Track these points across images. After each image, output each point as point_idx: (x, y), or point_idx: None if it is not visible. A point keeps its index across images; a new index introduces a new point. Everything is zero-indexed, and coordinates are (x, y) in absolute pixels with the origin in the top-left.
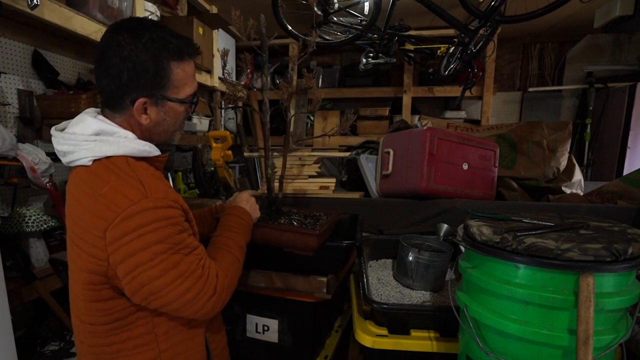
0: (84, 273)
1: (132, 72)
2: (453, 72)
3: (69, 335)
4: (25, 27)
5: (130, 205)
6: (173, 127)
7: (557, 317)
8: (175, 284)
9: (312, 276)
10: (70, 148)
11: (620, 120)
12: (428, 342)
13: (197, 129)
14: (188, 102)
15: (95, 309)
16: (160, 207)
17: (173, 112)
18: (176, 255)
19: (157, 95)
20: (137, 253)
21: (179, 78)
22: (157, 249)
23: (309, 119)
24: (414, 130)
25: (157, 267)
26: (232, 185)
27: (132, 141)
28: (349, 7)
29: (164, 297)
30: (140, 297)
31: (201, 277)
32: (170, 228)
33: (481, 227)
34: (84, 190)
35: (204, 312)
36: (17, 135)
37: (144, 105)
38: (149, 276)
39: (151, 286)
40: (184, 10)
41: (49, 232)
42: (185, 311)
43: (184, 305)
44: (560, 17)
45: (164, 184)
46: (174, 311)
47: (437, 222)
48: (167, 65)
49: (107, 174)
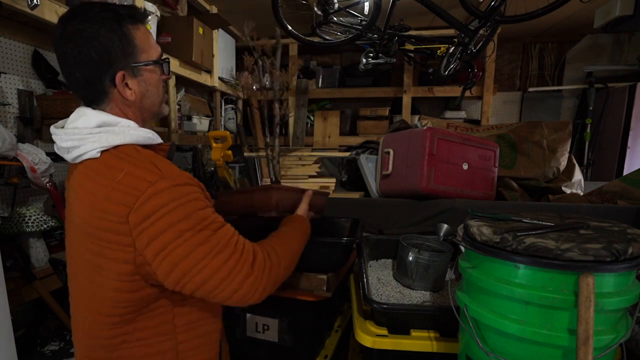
0: (114, 263)
1: (99, 48)
2: (453, 72)
3: (69, 335)
4: (25, 27)
5: (148, 186)
6: (158, 96)
7: (557, 317)
8: (206, 261)
9: (312, 274)
10: (75, 143)
11: (620, 120)
12: (428, 342)
13: (197, 129)
14: (160, 62)
15: (124, 299)
16: (178, 184)
17: (152, 79)
18: (204, 231)
19: (131, 65)
20: (162, 233)
21: (142, 41)
22: (182, 227)
23: (309, 119)
24: (414, 130)
25: (185, 244)
26: (232, 185)
27: (136, 129)
28: (349, 7)
29: (195, 276)
30: (174, 280)
31: (234, 254)
32: (193, 203)
33: (481, 227)
34: (98, 181)
35: (241, 293)
36: (17, 135)
37: (124, 80)
38: (178, 254)
39: (182, 265)
40: (184, 10)
41: (49, 232)
42: (221, 292)
43: (219, 285)
44: (560, 17)
45: (174, 166)
46: (209, 295)
47: (437, 222)
48: (127, 32)
49: (119, 162)
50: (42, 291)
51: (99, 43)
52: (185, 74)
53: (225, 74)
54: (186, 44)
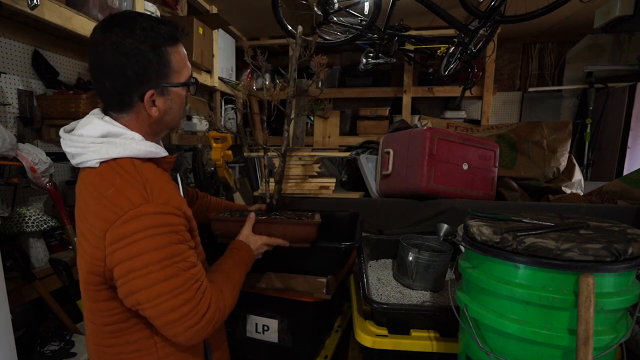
0: (84, 273)
1: (136, 66)
2: (453, 72)
3: (69, 335)
4: (25, 27)
5: (131, 208)
6: (179, 113)
7: (557, 317)
8: (162, 299)
9: (312, 277)
10: (79, 150)
11: (620, 120)
12: (428, 342)
13: (197, 129)
14: (191, 83)
15: (96, 308)
16: (161, 212)
17: (178, 98)
18: (171, 267)
19: (162, 85)
20: (131, 258)
21: (177, 62)
22: (151, 257)
23: (309, 119)
24: (414, 130)
25: (147, 276)
26: (232, 185)
27: (139, 142)
28: (349, 7)
29: (147, 309)
30: (130, 303)
31: (191, 301)
32: (169, 236)
33: (481, 227)
34: (91, 191)
35: (182, 338)
36: (17, 135)
37: (152, 98)
38: (139, 284)
39: (139, 296)
40: (184, 10)
41: (49, 232)
42: (166, 330)
43: (166, 324)
44: (560, 17)
45: (169, 188)
46: (157, 326)
47: (437, 222)
48: (165, 52)
49: (112, 175)
50: (42, 291)
51: (137, 61)
52: None
53: (225, 74)
54: (186, 44)
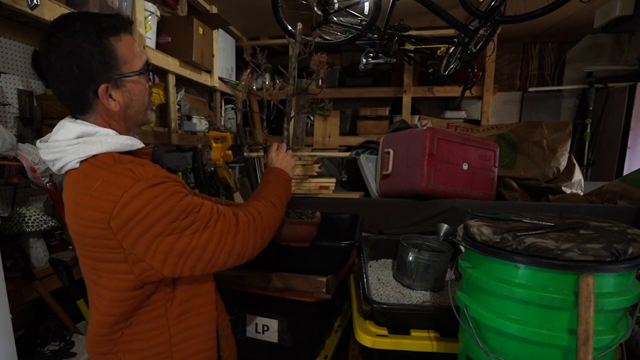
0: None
1: (80, 64)
2: (453, 72)
3: (69, 335)
4: (25, 27)
5: (124, 191)
6: (142, 105)
7: (557, 317)
8: (197, 237)
9: (312, 276)
10: (57, 155)
11: (620, 120)
12: (428, 342)
13: (197, 129)
14: (144, 71)
15: (119, 298)
16: (154, 184)
17: (136, 89)
18: (187, 217)
19: (114, 77)
20: (149, 229)
21: (124, 52)
22: (166, 220)
23: (309, 119)
24: (414, 130)
25: (173, 233)
26: (232, 185)
27: (114, 137)
28: (349, 7)
29: (192, 253)
30: (171, 264)
31: (218, 220)
32: (171, 198)
33: (481, 227)
34: (78, 190)
35: (236, 251)
36: (17, 135)
37: (108, 92)
38: (169, 242)
39: (176, 249)
40: (184, 10)
41: (49, 232)
42: (219, 258)
43: (214, 251)
44: (560, 17)
45: (152, 167)
46: (209, 265)
47: (437, 222)
48: (108, 44)
49: (96, 171)
50: (42, 291)
51: (80, 58)
52: (185, 74)
53: (225, 74)
54: (186, 44)
